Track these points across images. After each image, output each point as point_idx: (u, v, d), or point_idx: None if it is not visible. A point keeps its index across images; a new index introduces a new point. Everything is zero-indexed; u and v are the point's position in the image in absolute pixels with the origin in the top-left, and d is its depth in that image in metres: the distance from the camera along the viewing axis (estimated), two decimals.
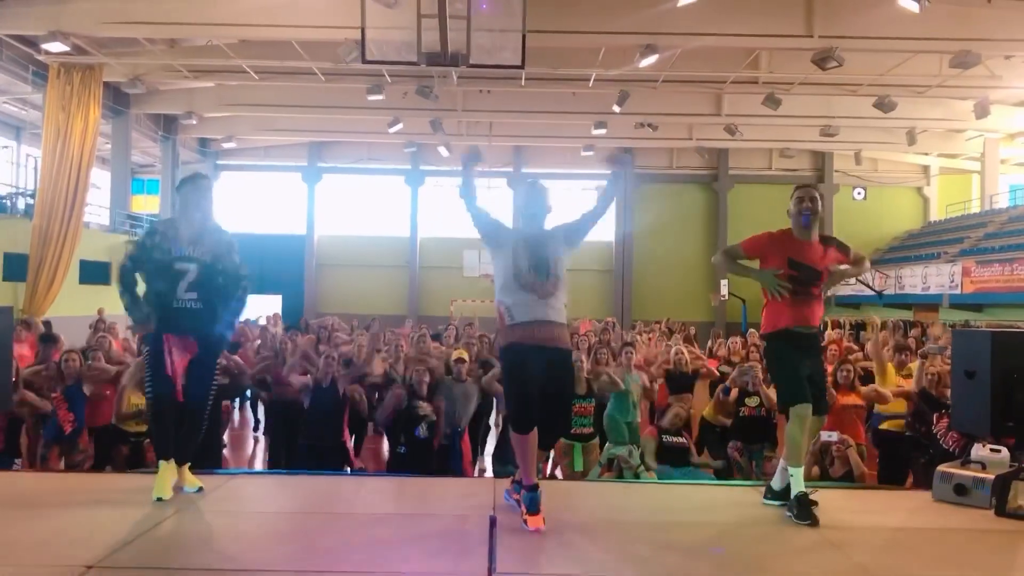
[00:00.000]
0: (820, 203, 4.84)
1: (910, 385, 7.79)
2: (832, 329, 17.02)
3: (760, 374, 7.69)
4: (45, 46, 16.84)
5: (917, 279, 22.87)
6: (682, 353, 9.13)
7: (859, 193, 30.68)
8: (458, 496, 5.05)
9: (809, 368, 4.76)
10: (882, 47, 17.01)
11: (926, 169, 30.85)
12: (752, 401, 7.65)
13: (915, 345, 10.71)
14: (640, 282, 30.16)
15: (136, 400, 7.22)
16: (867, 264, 5.39)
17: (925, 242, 27.87)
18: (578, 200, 29.99)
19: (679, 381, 8.93)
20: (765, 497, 4.99)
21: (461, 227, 28.27)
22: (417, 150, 28.62)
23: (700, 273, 29.53)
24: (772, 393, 7.05)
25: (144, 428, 7.12)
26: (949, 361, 6.77)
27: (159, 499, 4.57)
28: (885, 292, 23.99)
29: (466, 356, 8.16)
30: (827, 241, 4.94)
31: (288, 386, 7.92)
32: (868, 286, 23.90)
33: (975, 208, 28.65)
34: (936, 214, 30.70)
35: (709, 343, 12.19)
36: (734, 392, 7.92)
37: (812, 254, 4.79)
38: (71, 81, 18.15)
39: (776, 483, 4.94)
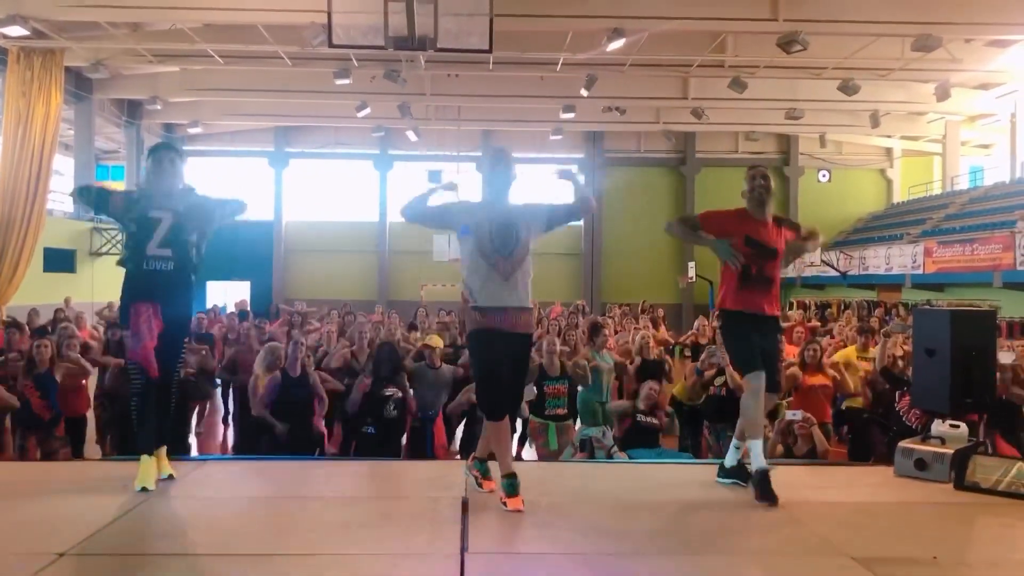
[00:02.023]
0: (771, 181, 4.91)
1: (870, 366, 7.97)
2: (797, 310, 17.28)
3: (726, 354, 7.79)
4: (4, 30, 16.45)
5: (880, 260, 23.22)
6: (648, 339, 9.23)
7: (824, 175, 31.06)
8: (430, 478, 5.09)
9: (760, 343, 4.75)
10: (845, 30, 17.20)
11: (889, 151, 31.28)
12: (719, 380, 7.75)
13: (878, 325, 10.93)
14: (609, 265, 30.33)
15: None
16: (820, 238, 5.45)
17: (888, 223, 28.28)
18: (546, 184, 30.05)
19: (647, 367, 9.03)
20: (718, 476, 5.03)
21: None
22: (385, 135, 28.49)
23: (668, 256, 29.75)
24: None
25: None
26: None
27: (144, 489, 4.51)
28: (849, 273, 24.36)
29: (438, 343, 8.21)
30: (780, 221, 5.00)
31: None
32: (832, 267, 24.26)
33: (937, 190, 29.12)
34: (899, 196, 31.16)
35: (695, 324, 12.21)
36: (709, 372, 8.02)
37: (767, 233, 4.84)
38: (31, 66, 17.82)
39: (728, 460, 4.99)
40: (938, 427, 5.27)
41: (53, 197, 20.73)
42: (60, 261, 20.39)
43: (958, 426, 5.26)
